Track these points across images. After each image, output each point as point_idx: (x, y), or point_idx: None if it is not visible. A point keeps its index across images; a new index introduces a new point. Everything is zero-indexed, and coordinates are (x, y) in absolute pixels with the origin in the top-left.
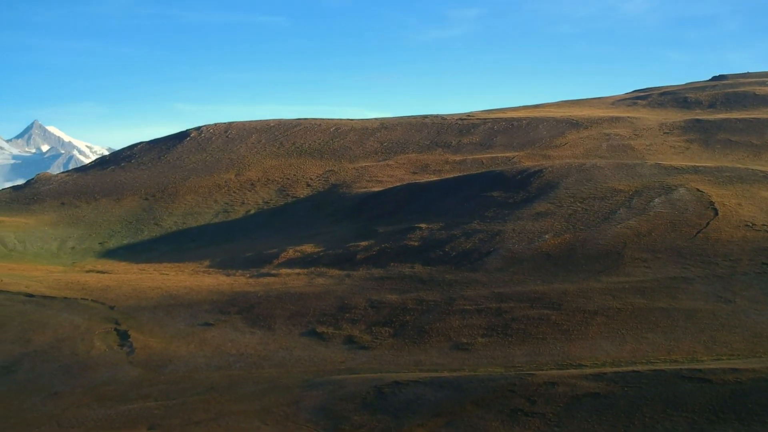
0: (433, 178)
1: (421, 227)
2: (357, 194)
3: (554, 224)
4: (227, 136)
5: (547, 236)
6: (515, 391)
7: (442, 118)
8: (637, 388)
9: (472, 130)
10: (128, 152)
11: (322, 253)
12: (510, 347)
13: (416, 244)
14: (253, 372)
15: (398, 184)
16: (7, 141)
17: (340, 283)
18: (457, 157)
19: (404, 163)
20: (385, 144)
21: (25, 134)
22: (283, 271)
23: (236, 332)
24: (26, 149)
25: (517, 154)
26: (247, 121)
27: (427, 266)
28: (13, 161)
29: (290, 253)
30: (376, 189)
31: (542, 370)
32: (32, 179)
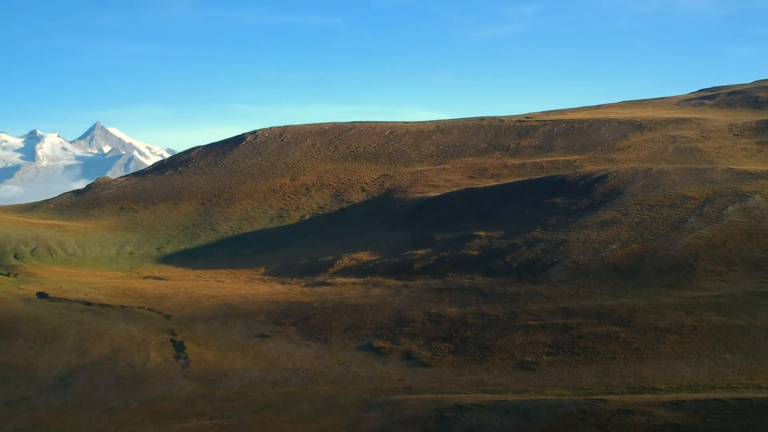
0: (492, 182)
1: (480, 235)
2: (413, 199)
3: (621, 233)
4: (282, 140)
5: (613, 246)
6: (586, 419)
7: (500, 120)
8: (720, 419)
9: (531, 133)
10: (185, 156)
11: (377, 262)
12: (578, 367)
13: (475, 253)
14: (309, 389)
15: (455, 189)
16: (71, 142)
17: (397, 294)
18: (516, 161)
19: (461, 167)
20: (441, 147)
21: (88, 136)
22: (339, 279)
23: (292, 345)
24: (89, 150)
25: (578, 157)
26: (302, 125)
27: (487, 277)
28: (76, 162)
29: (345, 261)
30: (432, 194)
31: (614, 393)
32: (92, 183)
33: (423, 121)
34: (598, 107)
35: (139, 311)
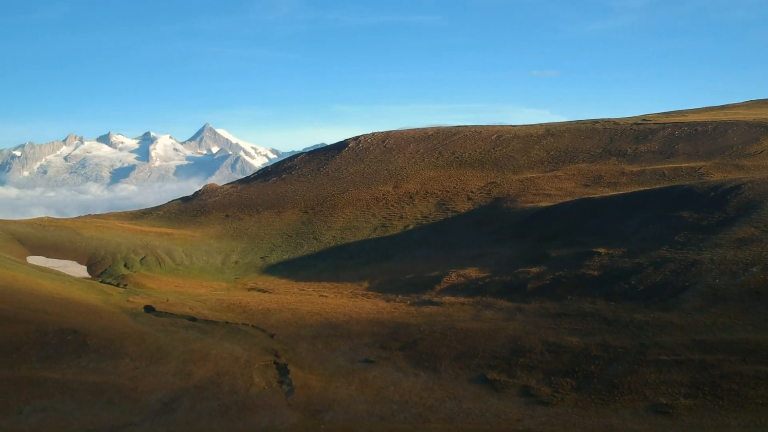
0: (609, 191)
1: (600, 252)
2: (523, 209)
3: (762, 254)
4: (385, 146)
5: (754, 269)
6: None
7: (615, 122)
8: None
9: (650, 137)
10: (289, 163)
11: (488, 280)
12: (722, 414)
13: (596, 273)
14: (418, 426)
15: (569, 198)
16: (182, 143)
17: (511, 318)
18: (634, 168)
19: (574, 174)
20: (552, 153)
21: (197, 137)
22: (447, 299)
23: (399, 373)
24: (198, 151)
25: (703, 164)
26: (404, 130)
27: (610, 302)
28: (186, 162)
29: (453, 277)
30: (543, 204)
31: None
32: (199, 190)
33: (531, 125)
34: (722, 108)
35: (243, 329)
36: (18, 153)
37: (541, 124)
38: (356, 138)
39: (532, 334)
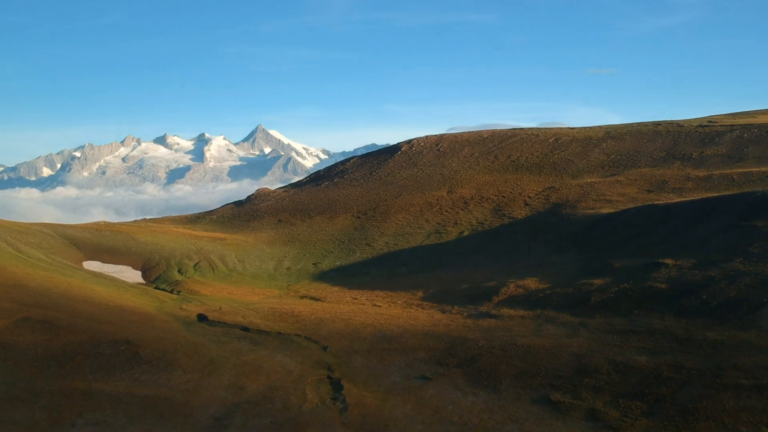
0: (674, 198)
1: (667, 264)
2: (583, 216)
3: None
4: (438, 150)
5: None
6: None
7: (678, 125)
8: None
9: (717, 139)
10: (341, 167)
11: (548, 291)
12: None
13: (663, 286)
14: None
15: (632, 204)
16: (235, 144)
17: (574, 334)
18: (701, 173)
19: (636, 179)
20: (613, 156)
21: (250, 138)
22: (505, 311)
23: (457, 392)
24: (251, 151)
25: None
26: (458, 133)
27: (680, 318)
28: (239, 163)
29: (511, 288)
30: (605, 211)
31: None
32: (252, 195)
33: (590, 127)
34: None
35: (296, 340)
36: (78, 154)
37: (600, 127)
38: (409, 141)
39: (598, 352)
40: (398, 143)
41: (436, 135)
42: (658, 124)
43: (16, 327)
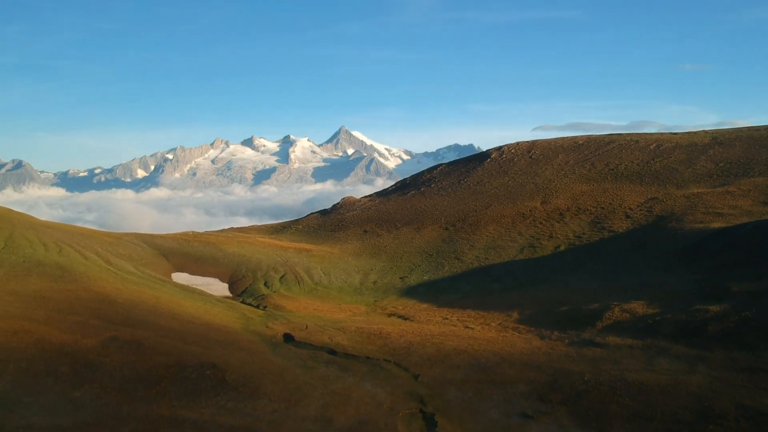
0: None
1: None
2: (691, 231)
3: None
4: (531, 157)
5: None
6: None
7: None
8: None
9: None
10: (428, 175)
11: (658, 318)
12: None
13: None
14: None
15: (746, 219)
16: (319, 146)
17: (692, 370)
18: None
19: (750, 190)
20: (722, 165)
21: (334, 139)
22: (611, 339)
23: None
24: (334, 153)
25: None
26: (551, 139)
27: None
28: (323, 164)
29: (616, 312)
30: (716, 225)
31: None
32: (337, 203)
33: (695, 132)
34: None
35: (386, 366)
36: (170, 156)
37: (705, 131)
38: (499, 148)
39: (722, 393)
40: (487, 150)
41: (527, 141)
42: None
43: (103, 347)
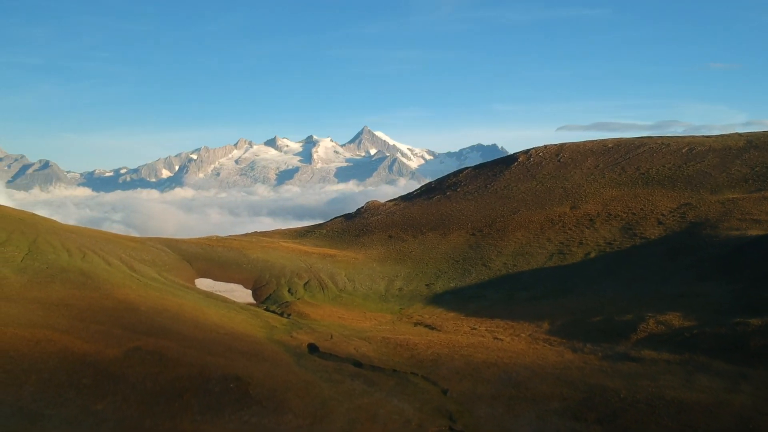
0: None
1: None
2: (728, 239)
3: None
4: (559, 161)
5: None
6: None
7: None
8: None
9: None
10: (453, 179)
11: (695, 331)
12: None
13: None
14: None
15: None
16: (342, 146)
17: (734, 388)
18: None
19: None
20: (757, 169)
21: (356, 139)
22: (647, 353)
23: None
24: (357, 153)
25: None
26: (580, 142)
27: None
28: (346, 164)
29: (651, 324)
30: (753, 232)
31: None
32: (361, 207)
33: (728, 135)
34: None
35: (413, 380)
36: (194, 156)
37: (740, 134)
38: (526, 151)
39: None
40: (514, 153)
41: (555, 144)
42: None
43: (126, 357)
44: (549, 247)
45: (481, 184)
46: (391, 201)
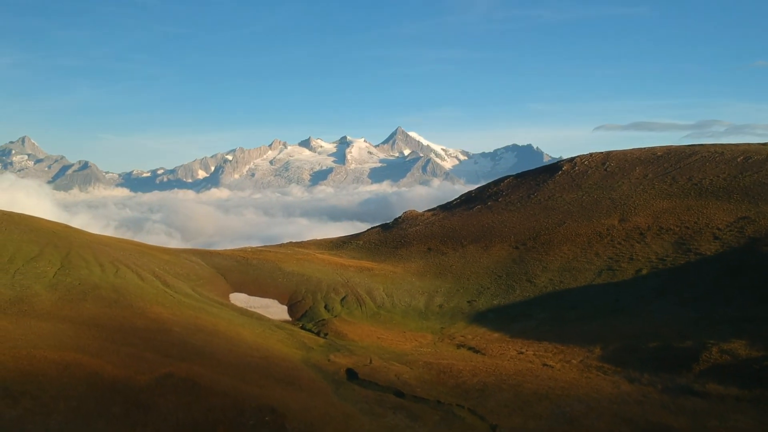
0: None
1: None
2: None
3: None
4: (605, 170)
5: None
6: None
7: None
8: None
9: None
10: (494, 188)
11: (766, 363)
12: None
13: None
14: None
15: None
16: (375, 146)
17: None
18: None
19: None
20: None
21: (390, 140)
22: (712, 387)
23: None
24: (391, 153)
25: None
26: (627, 150)
27: None
28: (379, 164)
29: (714, 353)
30: None
31: None
32: (399, 217)
33: None
34: None
35: (459, 413)
36: (230, 157)
37: None
38: (571, 159)
39: None
40: (558, 161)
41: (601, 152)
42: None
43: (157, 385)
44: (597, 263)
45: (523, 193)
46: (429, 211)
